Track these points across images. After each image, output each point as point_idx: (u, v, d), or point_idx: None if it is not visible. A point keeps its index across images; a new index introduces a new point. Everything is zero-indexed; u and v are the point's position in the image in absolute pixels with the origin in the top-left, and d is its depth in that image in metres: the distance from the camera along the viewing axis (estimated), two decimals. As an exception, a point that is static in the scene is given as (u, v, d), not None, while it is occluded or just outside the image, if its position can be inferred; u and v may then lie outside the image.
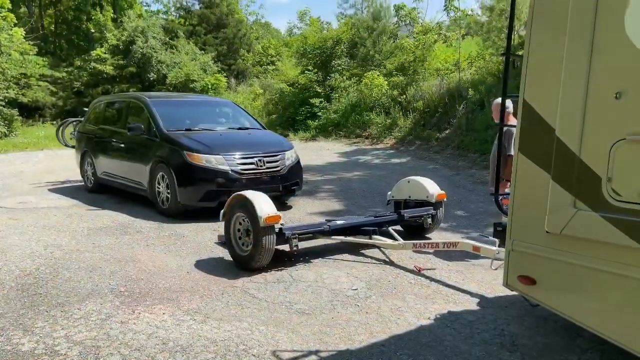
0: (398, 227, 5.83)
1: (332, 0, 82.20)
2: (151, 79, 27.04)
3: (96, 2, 33.49)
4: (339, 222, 5.20)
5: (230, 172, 6.67)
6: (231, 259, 4.89)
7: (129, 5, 35.05)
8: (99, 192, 8.64)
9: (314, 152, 14.14)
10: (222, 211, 4.94)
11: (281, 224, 4.64)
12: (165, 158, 6.87)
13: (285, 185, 7.11)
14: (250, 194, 4.72)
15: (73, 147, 9.94)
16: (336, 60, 19.73)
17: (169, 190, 6.78)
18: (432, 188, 5.73)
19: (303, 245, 4.98)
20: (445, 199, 5.81)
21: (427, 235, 5.78)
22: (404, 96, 15.87)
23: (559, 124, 2.51)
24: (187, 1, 33.54)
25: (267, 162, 6.97)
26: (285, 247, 4.76)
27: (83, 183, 9.25)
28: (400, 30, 21.71)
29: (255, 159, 6.89)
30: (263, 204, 4.57)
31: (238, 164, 6.76)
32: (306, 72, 20.06)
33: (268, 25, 44.64)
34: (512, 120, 4.77)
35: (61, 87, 27.92)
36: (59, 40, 34.44)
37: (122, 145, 7.90)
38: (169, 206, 6.82)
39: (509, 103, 4.18)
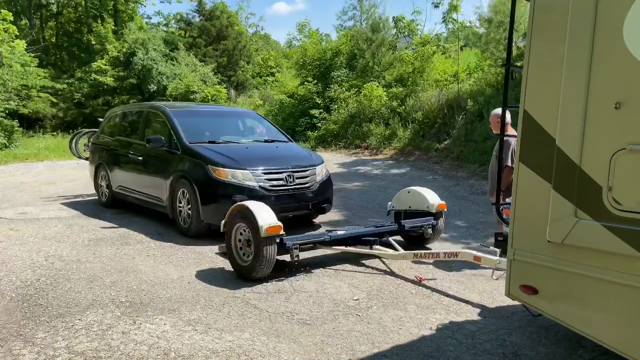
0: (398, 238, 5.84)
1: (331, 13, 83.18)
2: (151, 90, 27.16)
3: (97, 14, 33.77)
4: (339, 233, 5.20)
5: (257, 188, 6.11)
6: (232, 270, 4.89)
7: (130, 17, 35.34)
8: (113, 206, 8.32)
9: (313, 163, 14.13)
10: (222, 221, 4.95)
11: (282, 234, 4.64)
12: (188, 172, 6.35)
13: (315, 203, 6.59)
14: (251, 204, 4.73)
15: (87, 159, 9.53)
16: (335, 72, 19.86)
17: (190, 208, 6.29)
18: (432, 198, 5.76)
19: (304, 255, 4.99)
20: (445, 209, 5.83)
21: (427, 246, 5.79)
22: (403, 107, 15.94)
23: (559, 133, 2.54)
24: (188, 13, 34.00)
25: (297, 178, 6.44)
26: (286, 257, 4.76)
27: (97, 197, 8.91)
28: (399, 41, 21.85)
29: (284, 174, 6.35)
30: (264, 214, 4.58)
31: (266, 180, 6.22)
32: (306, 83, 20.18)
33: (267, 37, 45.03)
34: (510, 131, 4.80)
35: (62, 99, 28.03)
36: (60, 52, 34.63)
37: (140, 158, 7.38)
38: (191, 225, 6.30)
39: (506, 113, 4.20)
